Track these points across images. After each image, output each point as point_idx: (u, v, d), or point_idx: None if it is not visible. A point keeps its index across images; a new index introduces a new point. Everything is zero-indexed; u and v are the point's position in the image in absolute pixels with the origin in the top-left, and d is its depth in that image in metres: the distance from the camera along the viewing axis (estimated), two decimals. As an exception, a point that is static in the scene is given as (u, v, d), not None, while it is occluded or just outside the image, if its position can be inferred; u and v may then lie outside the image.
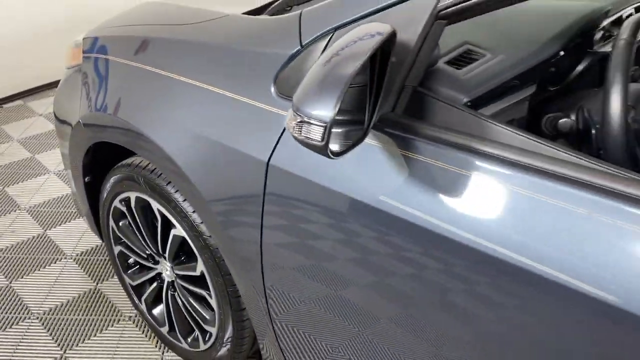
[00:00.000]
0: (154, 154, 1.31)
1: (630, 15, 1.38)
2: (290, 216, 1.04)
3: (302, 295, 1.10)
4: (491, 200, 0.78)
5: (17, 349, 1.69)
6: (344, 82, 0.70)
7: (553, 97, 1.18)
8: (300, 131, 0.72)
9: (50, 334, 1.75)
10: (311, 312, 1.11)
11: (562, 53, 1.12)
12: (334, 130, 0.79)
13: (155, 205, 1.43)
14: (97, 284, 1.96)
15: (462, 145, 0.82)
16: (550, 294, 0.72)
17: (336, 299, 1.03)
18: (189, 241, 1.37)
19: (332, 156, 0.76)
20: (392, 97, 0.90)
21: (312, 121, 0.70)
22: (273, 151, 1.04)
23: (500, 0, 0.87)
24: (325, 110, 0.69)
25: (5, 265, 2.02)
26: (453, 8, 0.84)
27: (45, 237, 2.16)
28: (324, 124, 0.70)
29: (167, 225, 1.43)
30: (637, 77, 1.26)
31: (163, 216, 1.42)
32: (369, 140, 0.92)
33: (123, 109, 1.38)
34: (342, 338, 1.07)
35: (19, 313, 1.83)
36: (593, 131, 0.99)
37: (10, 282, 1.95)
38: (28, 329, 1.77)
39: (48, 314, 1.82)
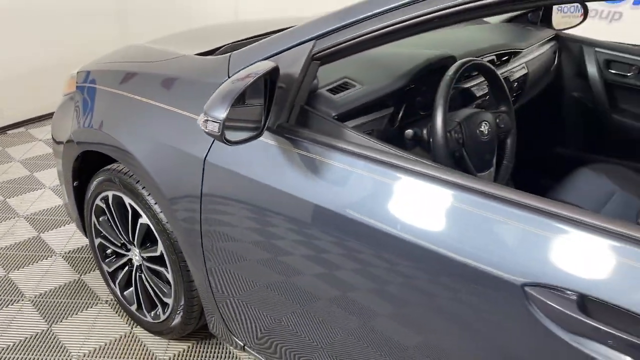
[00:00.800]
0: (127, 159, 1.70)
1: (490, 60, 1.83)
2: (220, 201, 1.42)
3: (238, 274, 1.47)
4: (350, 182, 1.17)
5: (10, 325, 2.04)
6: (232, 96, 1.10)
7: (421, 119, 1.60)
8: (206, 126, 1.12)
9: (40, 313, 2.10)
10: (247, 289, 1.47)
11: (424, 88, 1.54)
12: (239, 129, 1.19)
13: (127, 200, 1.81)
14: (81, 275, 2.32)
15: (332, 145, 1.21)
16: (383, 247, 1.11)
17: (267, 277, 1.39)
18: (152, 227, 1.75)
19: (228, 143, 1.15)
20: (286, 112, 1.30)
21: (211, 119, 1.10)
22: (208, 151, 1.43)
23: (362, 45, 1.26)
24: (220, 112, 1.09)
25: (4, 260, 2.38)
26: (322, 53, 1.25)
27: (38, 239, 2.53)
28: (219, 121, 1.09)
29: (136, 216, 1.81)
30: (485, 105, 1.68)
31: (133, 208, 1.80)
32: (273, 142, 1.32)
33: (106, 125, 1.77)
34: (281, 312, 1.42)
35: (14, 296, 2.18)
36: (431, 140, 1.40)
37: (8, 273, 2.30)
38: (20, 308, 2.12)
39: (39, 297, 2.17)
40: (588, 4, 2.35)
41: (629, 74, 2.16)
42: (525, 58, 2.09)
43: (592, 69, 2.23)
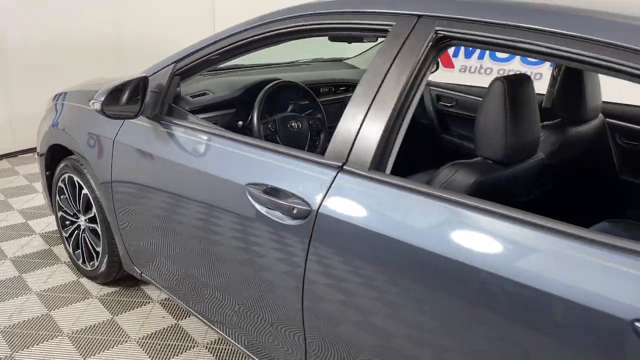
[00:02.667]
0: (77, 150, 2.46)
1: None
2: (122, 168, 2.16)
3: (136, 221, 2.18)
4: (193, 144, 1.90)
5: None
6: (108, 87, 1.86)
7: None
8: (94, 105, 1.88)
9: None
10: (142, 233, 2.17)
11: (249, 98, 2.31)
12: (124, 115, 1.94)
13: (76, 179, 2.56)
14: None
15: (185, 125, 1.94)
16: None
17: (153, 222, 2.09)
18: (89, 196, 2.49)
19: (106, 116, 1.90)
20: (159, 107, 2.05)
21: (97, 101, 1.87)
22: (116, 134, 2.18)
23: (203, 65, 2.02)
24: (101, 97, 1.86)
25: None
26: (179, 71, 2.02)
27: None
28: (100, 101, 1.85)
29: (80, 189, 2.56)
30: (295, 109, 2.41)
31: (79, 184, 2.55)
32: (151, 126, 2.05)
33: (66, 127, 2.55)
34: (163, 250, 2.10)
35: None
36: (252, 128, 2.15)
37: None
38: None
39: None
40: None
41: (451, 105, 2.89)
42: None
43: (427, 102, 2.97)
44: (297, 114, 2.27)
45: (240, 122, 2.20)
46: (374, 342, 1.37)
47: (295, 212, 1.48)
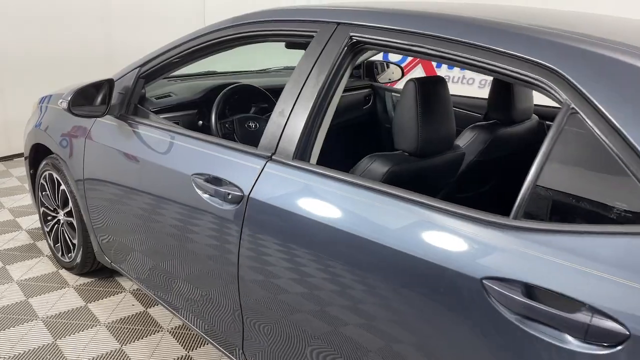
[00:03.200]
0: (55, 148, 2.65)
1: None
2: (93, 164, 2.34)
3: (105, 212, 2.35)
4: (154, 139, 2.08)
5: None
6: (74, 88, 2.05)
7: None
8: (62, 105, 2.06)
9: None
10: (111, 224, 2.34)
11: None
12: (92, 113, 2.13)
13: (55, 176, 2.74)
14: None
15: (148, 124, 2.12)
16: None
17: (120, 215, 2.27)
18: (67, 191, 2.66)
19: (73, 114, 2.08)
20: (125, 107, 2.24)
21: (64, 100, 2.05)
22: (89, 131, 2.36)
23: (162, 70, 2.21)
24: (68, 96, 2.04)
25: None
26: (143, 74, 2.20)
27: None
28: (67, 101, 2.04)
29: (59, 185, 2.74)
30: (256, 111, 2.58)
31: (58, 181, 2.73)
32: (117, 124, 2.23)
33: (47, 127, 2.74)
34: (129, 242, 2.28)
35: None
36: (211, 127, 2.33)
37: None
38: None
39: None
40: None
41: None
42: None
43: (390, 107, 3.15)
44: (257, 115, 2.45)
45: (200, 122, 2.38)
46: (301, 316, 1.52)
47: (230, 197, 1.65)
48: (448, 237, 1.20)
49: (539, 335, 1.04)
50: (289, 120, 1.60)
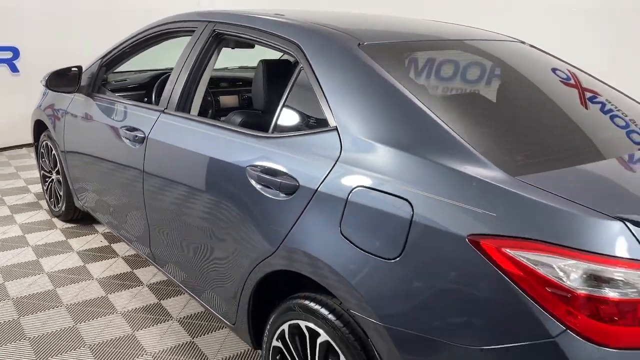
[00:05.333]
0: (46, 121, 3.46)
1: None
2: (70, 131, 3.13)
3: (78, 166, 3.13)
4: (111, 111, 2.86)
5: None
6: (52, 72, 2.85)
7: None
8: (42, 83, 2.86)
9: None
10: (81, 176, 3.13)
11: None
12: (66, 90, 2.93)
13: (49, 144, 3.56)
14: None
15: (105, 99, 2.89)
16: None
17: (88, 166, 3.06)
18: (56, 155, 3.47)
19: (49, 89, 2.89)
20: (92, 87, 3.03)
21: (44, 80, 2.85)
22: (68, 106, 3.16)
23: (119, 58, 3.00)
24: (45, 79, 2.84)
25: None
26: (105, 62, 2.99)
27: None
28: (45, 79, 2.84)
29: (52, 151, 3.55)
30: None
31: (51, 148, 3.55)
32: (84, 99, 3.02)
33: (44, 107, 3.57)
34: (97, 190, 3.07)
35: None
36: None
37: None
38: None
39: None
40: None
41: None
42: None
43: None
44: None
45: (146, 99, 3.14)
46: (185, 219, 2.23)
47: (137, 138, 2.40)
48: (239, 146, 1.90)
49: (269, 195, 1.72)
50: (175, 85, 2.34)
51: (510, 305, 1.19)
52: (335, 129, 1.63)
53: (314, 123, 1.77)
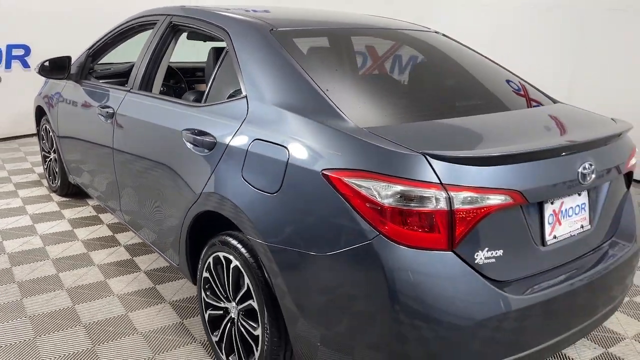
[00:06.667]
0: (44, 106, 3.92)
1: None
2: (63, 113, 3.58)
3: (72, 151, 3.58)
4: (95, 94, 3.30)
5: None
6: (44, 61, 3.30)
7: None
8: (35, 70, 3.31)
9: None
10: (73, 154, 3.57)
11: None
12: (57, 76, 3.38)
13: (48, 127, 4.00)
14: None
15: (92, 84, 3.32)
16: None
17: (79, 143, 3.51)
18: (53, 136, 3.92)
19: (41, 75, 3.34)
20: (80, 75, 3.47)
21: (37, 67, 3.30)
22: (61, 91, 3.61)
23: (104, 49, 3.43)
24: (38, 66, 3.29)
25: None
26: (91, 52, 3.43)
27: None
28: (38, 67, 3.29)
29: (49, 133, 4.00)
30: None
31: (49, 130, 4.00)
32: (75, 85, 3.46)
33: (43, 95, 4.03)
34: (88, 166, 3.52)
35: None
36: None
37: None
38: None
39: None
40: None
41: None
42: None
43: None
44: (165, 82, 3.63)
45: (126, 85, 3.57)
46: (147, 178, 2.64)
47: (108, 114, 2.82)
48: (178, 114, 2.31)
49: (196, 152, 2.12)
50: (139, 68, 2.76)
51: (346, 220, 1.56)
52: (245, 97, 2.02)
53: (232, 93, 2.16)
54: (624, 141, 2.00)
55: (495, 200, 1.53)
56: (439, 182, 1.49)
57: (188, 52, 3.92)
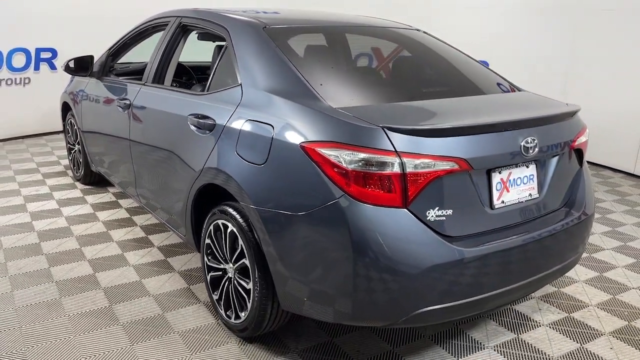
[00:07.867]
0: (69, 102, 4.28)
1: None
2: (86, 110, 3.93)
3: (94, 142, 3.92)
4: (112, 89, 3.64)
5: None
6: (70, 60, 3.65)
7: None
8: (64, 67, 3.67)
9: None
10: (95, 144, 3.92)
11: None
12: (82, 74, 3.73)
13: (72, 121, 4.36)
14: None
15: (110, 80, 3.67)
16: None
17: (100, 135, 3.86)
18: (77, 129, 4.28)
19: (67, 72, 3.69)
20: (101, 72, 3.82)
21: (63, 65, 3.65)
22: (85, 86, 3.97)
23: (123, 49, 3.78)
24: (64, 65, 3.65)
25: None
26: (111, 52, 3.78)
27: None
28: (64, 65, 3.64)
29: (74, 126, 4.36)
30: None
31: (73, 123, 4.35)
32: (97, 82, 3.80)
33: (70, 92, 4.39)
34: (108, 155, 3.86)
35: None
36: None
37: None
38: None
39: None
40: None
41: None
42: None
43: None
44: (177, 79, 3.95)
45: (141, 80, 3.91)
46: (154, 166, 2.97)
47: (125, 105, 3.16)
48: (184, 102, 2.63)
49: (199, 134, 2.42)
50: (153, 64, 3.09)
51: (318, 184, 1.85)
52: (240, 85, 2.32)
53: (230, 82, 2.47)
54: (573, 121, 2.25)
55: (442, 166, 1.80)
56: (394, 150, 1.76)
57: (200, 52, 4.24)
